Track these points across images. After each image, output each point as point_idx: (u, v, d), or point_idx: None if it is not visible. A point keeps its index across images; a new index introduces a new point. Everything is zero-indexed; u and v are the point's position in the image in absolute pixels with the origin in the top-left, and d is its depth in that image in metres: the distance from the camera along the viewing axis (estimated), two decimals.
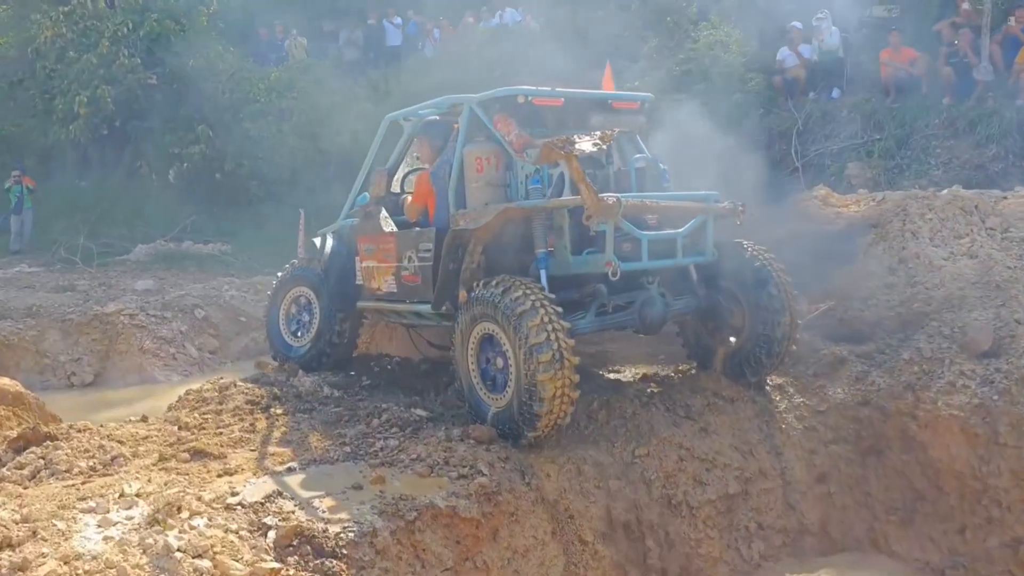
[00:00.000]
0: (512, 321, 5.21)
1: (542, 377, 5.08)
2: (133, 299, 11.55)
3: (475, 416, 5.64)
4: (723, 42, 14.49)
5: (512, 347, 5.28)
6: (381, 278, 6.84)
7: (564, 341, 5.16)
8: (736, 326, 6.46)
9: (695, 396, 6.26)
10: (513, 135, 5.97)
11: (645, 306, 6.01)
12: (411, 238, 6.49)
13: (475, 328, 5.60)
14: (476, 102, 6.21)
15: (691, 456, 5.76)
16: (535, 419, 5.19)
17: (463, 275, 5.94)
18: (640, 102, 6.66)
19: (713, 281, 6.47)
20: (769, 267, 6.35)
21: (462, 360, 5.76)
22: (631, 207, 5.49)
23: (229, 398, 6.39)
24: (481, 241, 5.91)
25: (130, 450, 5.29)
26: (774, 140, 13.51)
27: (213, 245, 17.40)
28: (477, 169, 6.07)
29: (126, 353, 10.24)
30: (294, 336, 7.76)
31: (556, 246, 5.79)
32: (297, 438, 5.56)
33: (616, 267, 5.43)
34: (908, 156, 11.91)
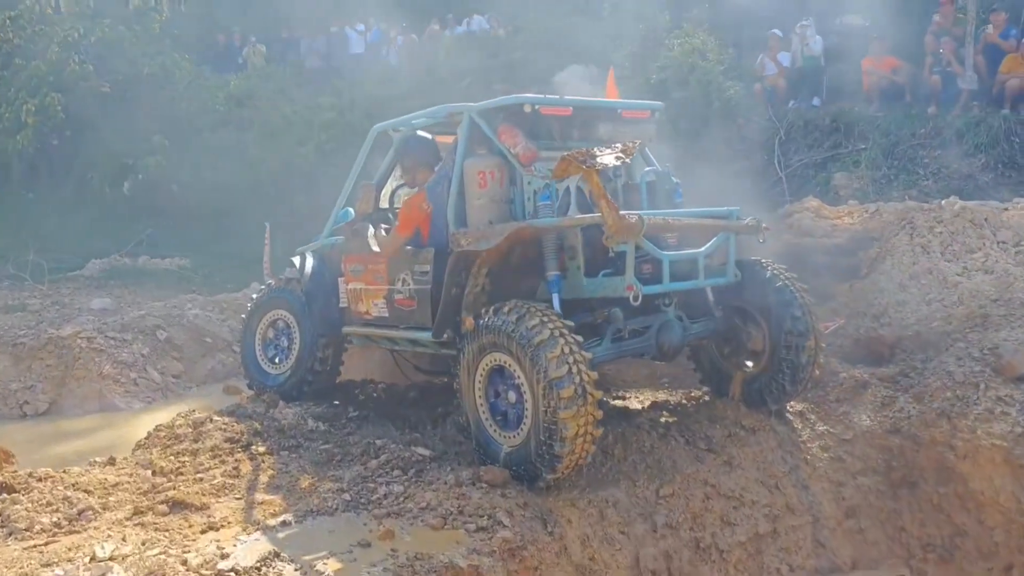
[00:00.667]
0: (528, 352, 4.72)
1: (564, 415, 4.61)
2: (90, 320, 10.82)
3: (484, 456, 5.13)
4: (700, 50, 14.15)
5: (528, 380, 4.79)
6: (370, 301, 6.32)
7: (587, 374, 4.70)
8: (755, 350, 6.05)
9: (714, 426, 5.83)
10: (520, 147, 5.50)
11: (663, 331, 5.61)
12: (405, 258, 5.96)
13: (484, 359, 5.10)
14: (477, 111, 5.73)
15: (717, 494, 5.32)
16: (555, 460, 4.72)
17: (466, 299, 5.43)
18: (651, 111, 6.21)
19: (730, 302, 6.06)
20: (792, 287, 5.93)
21: (468, 394, 5.24)
22: (653, 226, 5.02)
23: (205, 435, 5.81)
24: (487, 263, 5.39)
25: (99, 501, 4.70)
26: (755, 149, 13.20)
27: (171, 260, 16.66)
28: (479, 184, 5.59)
29: (84, 379, 9.50)
30: (272, 363, 7.20)
31: (568, 268, 5.34)
32: (287, 483, 5.01)
33: (638, 291, 4.99)
34: (896, 166, 11.66)
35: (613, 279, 5.19)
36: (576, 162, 4.80)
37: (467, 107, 5.85)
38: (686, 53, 14.10)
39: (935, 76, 11.99)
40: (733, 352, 6.19)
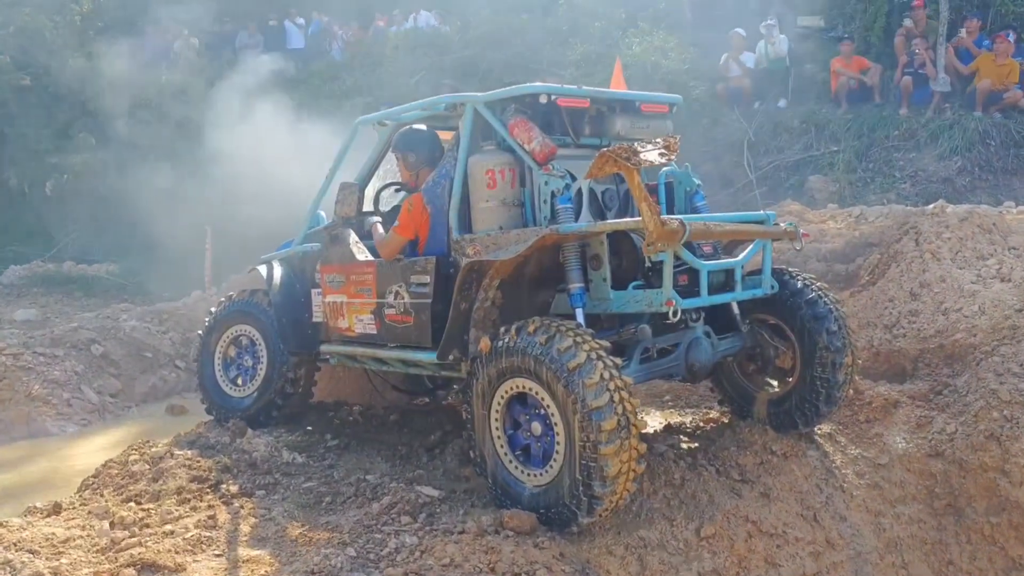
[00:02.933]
0: (562, 378, 4.08)
1: (606, 450, 3.99)
2: (14, 333, 9.81)
3: (503, 496, 4.46)
4: (662, 48, 13.72)
5: (560, 410, 4.15)
6: (352, 316, 5.54)
7: (629, 402, 4.09)
8: (784, 368, 5.49)
9: (744, 453, 5.27)
10: (536, 142, 4.82)
11: (692, 349, 5.00)
12: (399, 268, 5.25)
13: (503, 385, 4.43)
14: (483, 103, 5.06)
15: (759, 532, 4.76)
16: (595, 502, 4.09)
17: (475, 315, 4.74)
18: (670, 105, 5.57)
19: (757, 316, 5.49)
20: (826, 299, 5.38)
21: (482, 425, 4.55)
22: (696, 232, 4.37)
23: (167, 474, 5.02)
24: (501, 275, 4.68)
25: (48, 564, 3.89)
26: (723, 151, 12.83)
27: (99, 266, 15.57)
28: (487, 185, 4.91)
29: (9, 401, 8.50)
30: (234, 384, 6.40)
31: (592, 280, 4.70)
32: (274, 533, 4.27)
33: (678, 306, 4.41)
34: (871, 169, 11.40)
35: (647, 293, 4.55)
36: (618, 159, 4.17)
37: (470, 98, 5.19)
38: (647, 52, 13.67)
39: (906, 78, 11.75)
40: (758, 370, 5.62)
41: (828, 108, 12.51)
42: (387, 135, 5.84)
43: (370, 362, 5.69)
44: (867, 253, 8.03)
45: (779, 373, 5.54)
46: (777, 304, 5.36)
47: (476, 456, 4.63)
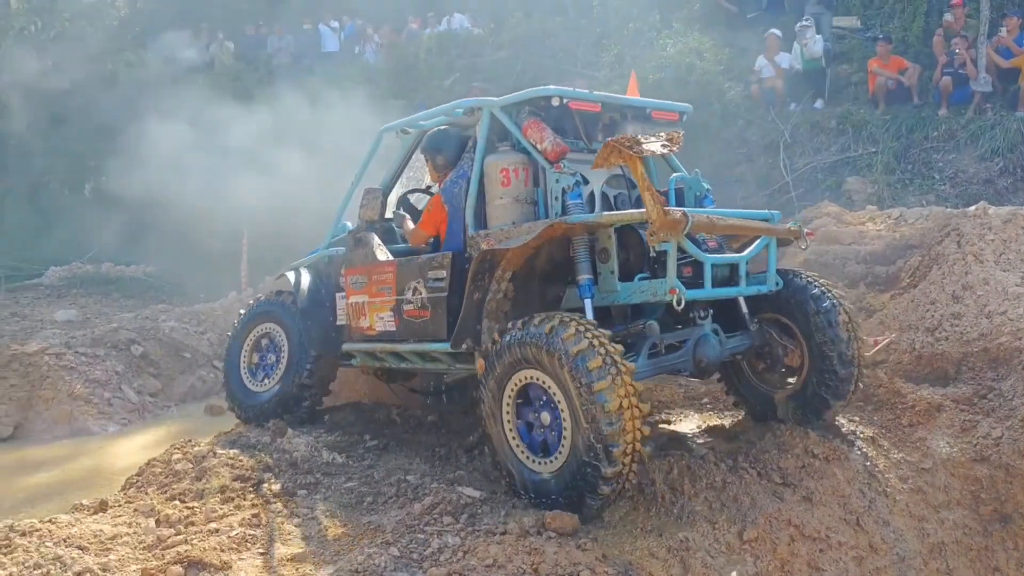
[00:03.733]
0: (566, 365, 4.22)
1: (609, 431, 4.13)
2: (56, 334, 9.96)
3: (516, 486, 4.59)
4: (697, 50, 13.64)
5: (566, 397, 4.29)
6: (374, 315, 5.71)
7: (632, 386, 4.22)
8: (792, 365, 5.55)
9: (785, 456, 5.23)
10: (548, 142, 5.03)
11: (700, 346, 5.10)
12: (417, 266, 5.43)
13: (513, 377, 4.56)
14: (499, 107, 5.29)
15: (801, 535, 4.71)
16: (600, 483, 4.21)
17: (487, 306, 4.92)
18: (680, 113, 5.74)
19: (765, 314, 5.57)
20: (829, 293, 5.47)
21: (494, 417, 4.67)
22: (699, 224, 4.55)
23: (210, 473, 5.07)
24: (512, 266, 4.85)
25: (97, 561, 3.95)
26: (758, 153, 12.74)
27: (137, 267, 15.77)
28: (502, 183, 5.12)
29: (52, 400, 8.65)
30: (256, 380, 6.55)
31: (601, 272, 4.85)
32: (317, 532, 4.31)
33: (682, 295, 4.53)
34: (909, 170, 11.25)
35: (651, 283, 4.71)
36: (622, 148, 4.31)
37: (487, 102, 5.42)
38: (682, 53, 13.59)
39: (946, 78, 11.59)
40: (768, 369, 5.69)
41: (866, 109, 12.37)
42: (410, 142, 6.05)
43: (389, 357, 5.81)
44: (907, 255, 7.93)
45: (790, 371, 5.61)
46: (784, 302, 5.48)
47: (490, 447, 4.76)
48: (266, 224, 13.36)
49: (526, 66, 16.35)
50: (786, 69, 13.12)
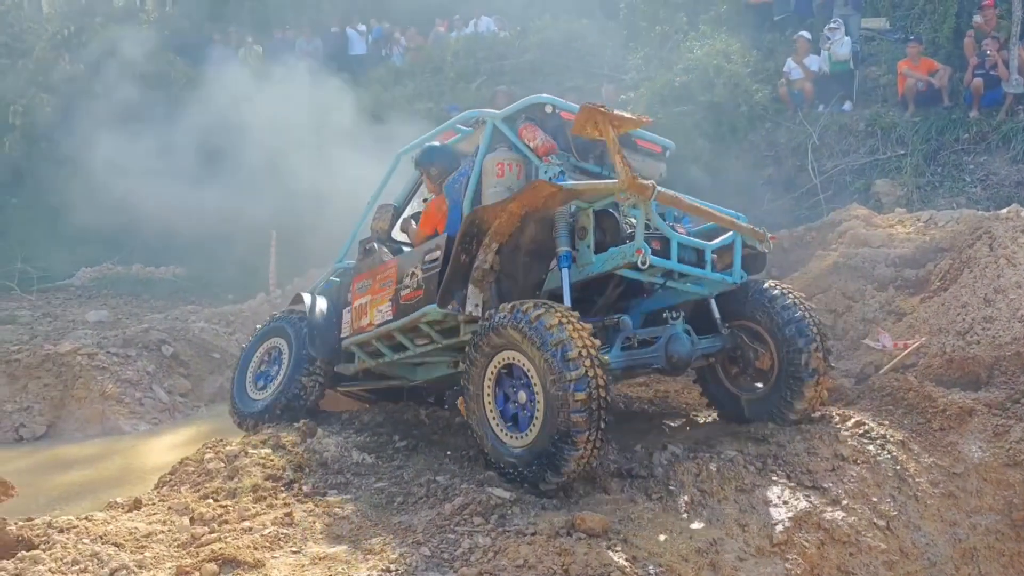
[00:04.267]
0: (545, 353, 4.57)
1: (576, 418, 4.47)
2: (88, 334, 10.10)
3: (492, 459, 5.00)
4: (724, 52, 13.58)
5: (540, 380, 4.63)
6: (374, 310, 6.08)
7: (602, 378, 4.55)
8: (763, 369, 5.77)
9: (815, 459, 5.23)
10: (539, 140, 5.53)
11: (672, 343, 5.45)
12: (416, 254, 5.89)
13: (495, 358, 4.94)
14: (500, 119, 5.82)
15: (831, 539, 4.70)
16: (563, 464, 4.58)
17: (473, 275, 5.27)
18: (664, 148, 6.18)
19: (736, 320, 5.84)
20: (791, 295, 5.75)
21: (477, 394, 5.06)
22: (664, 196, 5.06)
23: (242, 472, 5.13)
24: (499, 237, 5.17)
25: (133, 558, 4.01)
26: (785, 155, 12.67)
27: (166, 268, 15.89)
28: (498, 175, 5.56)
29: (85, 400, 8.78)
30: (257, 389, 6.82)
31: (579, 248, 5.29)
32: (348, 532, 4.35)
33: (646, 255, 4.95)
34: (939, 173, 11.15)
35: (621, 248, 5.12)
36: (596, 109, 4.86)
37: (490, 114, 5.94)
38: (709, 55, 13.53)
39: (977, 79, 11.47)
40: (740, 372, 5.94)
41: (895, 111, 12.26)
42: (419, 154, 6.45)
43: (378, 343, 6.09)
44: (938, 258, 7.88)
45: (760, 375, 5.83)
46: (752, 307, 5.78)
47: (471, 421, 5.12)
48: (294, 226, 13.47)
49: (552, 69, 16.38)
50: (815, 71, 13.05)
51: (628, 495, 4.79)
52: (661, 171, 6.08)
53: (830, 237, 9.37)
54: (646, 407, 6.82)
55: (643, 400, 6.94)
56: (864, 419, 5.77)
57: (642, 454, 5.32)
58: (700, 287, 5.66)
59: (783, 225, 11.16)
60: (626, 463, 5.16)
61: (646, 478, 4.97)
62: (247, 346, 7.18)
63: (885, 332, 7.10)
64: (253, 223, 14.29)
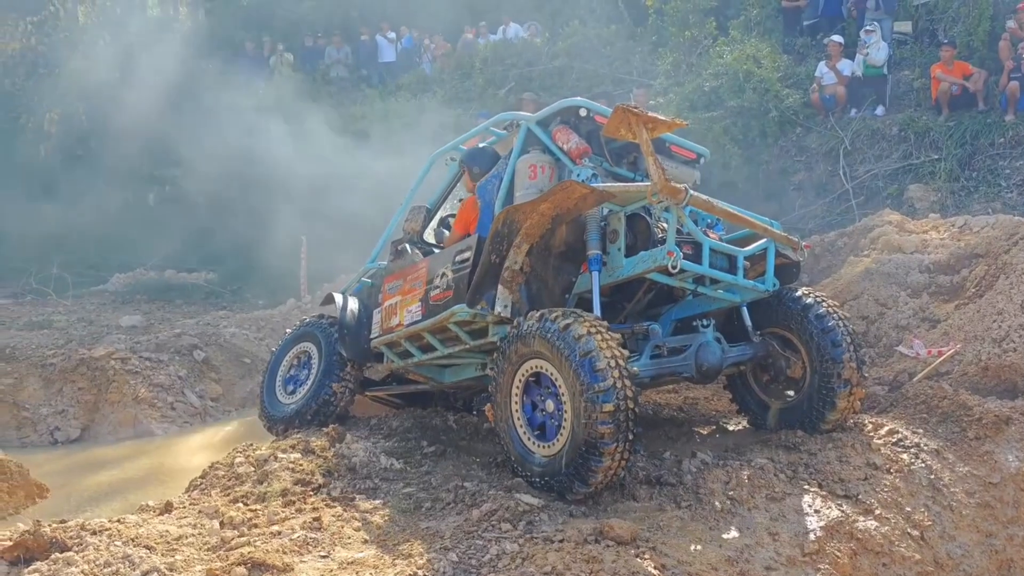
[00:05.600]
0: (573, 363, 4.52)
1: (604, 429, 4.43)
2: (121, 339, 10.22)
3: (518, 466, 4.97)
4: (754, 56, 13.50)
5: (568, 390, 4.60)
6: (404, 310, 6.09)
7: (631, 389, 4.51)
8: (795, 378, 5.73)
9: (846, 467, 5.16)
10: (572, 143, 5.59)
11: (702, 351, 5.41)
12: (447, 254, 5.88)
13: (523, 365, 4.92)
14: (535, 122, 5.86)
15: (864, 549, 4.63)
16: (590, 475, 4.55)
17: (503, 276, 5.22)
18: (698, 155, 6.16)
19: (769, 329, 5.79)
20: (826, 303, 5.66)
21: (504, 401, 5.03)
22: (698, 202, 4.97)
23: (272, 476, 5.15)
24: (530, 239, 5.11)
25: (164, 560, 4.04)
26: (816, 160, 12.57)
27: (198, 274, 16.08)
28: (530, 176, 5.63)
29: (118, 403, 8.89)
30: (287, 393, 6.84)
31: (609, 251, 5.25)
32: (376, 537, 4.35)
33: (677, 259, 4.90)
34: (974, 177, 11.00)
35: (651, 251, 5.07)
36: (631, 111, 4.82)
37: (525, 117, 6.00)
38: (739, 60, 13.45)
39: (1013, 83, 11.31)
40: (772, 380, 5.89)
41: (928, 115, 12.11)
42: (456, 166, 6.56)
43: (407, 343, 6.09)
44: (973, 264, 7.78)
45: (791, 384, 5.81)
46: (785, 315, 5.70)
47: (499, 428, 5.11)
48: (325, 232, 13.56)
49: (581, 74, 16.37)
50: (848, 76, 12.92)
51: (657, 503, 4.75)
52: (696, 178, 6.05)
53: (862, 243, 9.26)
54: (675, 414, 6.77)
55: (672, 407, 6.89)
56: (897, 427, 5.70)
57: (671, 461, 5.28)
58: (732, 294, 5.60)
59: (814, 231, 11.09)
60: (655, 470, 5.12)
61: (675, 485, 4.92)
62: (276, 350, 7.19)
63: (918, 339, 7.01)
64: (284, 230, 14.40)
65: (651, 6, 15.99)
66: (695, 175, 6.06)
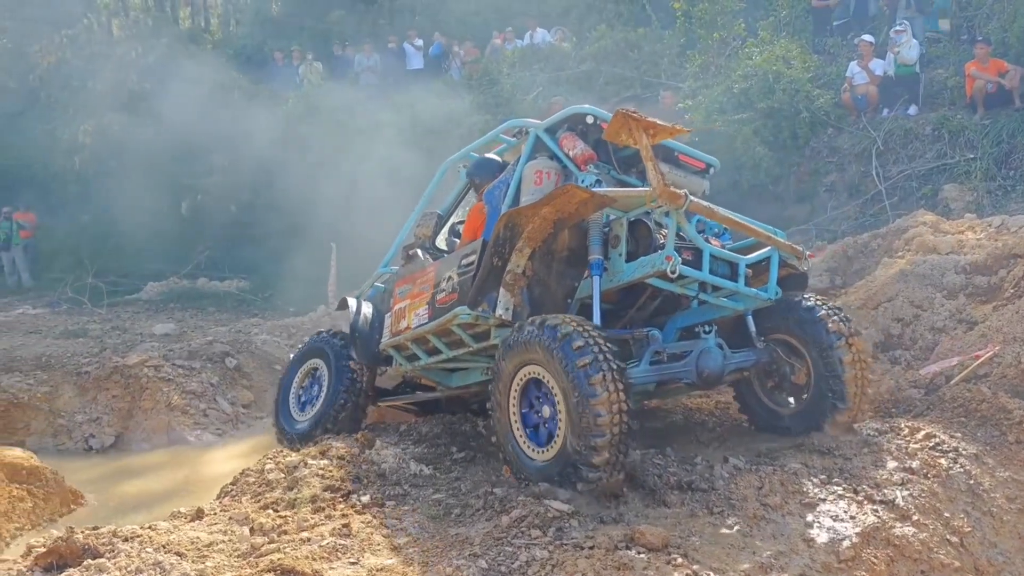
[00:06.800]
0: (569, 373, 4.56)
1: (597, 441, 4.50)
2: (154, 346, 10.31)
3: (513, 468, 5.04)
4: (784, 57, 13.37)
5: (564, 398, 4.64)
6: (412, 313, 6.13)
7: (625, 402, 4.55)
8: (799, 384, 5.70)
9: (881, 471, 5.07)
10: (578, 149, 5.62)
11: (703, 357, 5.35)
12: (454, 258, 5.91)
13: (521, 370, 4.95)
14: (543, 128, 5.91)
15: (901, 555, 4.53)
16: (580, 482, 4.61)
17: (505, 279, 5.23)
18: (707, 164, 6.08)
19: (772, 334, 5.76)
20: (819, 299, 5.70)
21: (502, 404, 5.08)
22: (698, 208, 4.98)
23: (302, 483, 5.15)
24: (532, 242, 5.12)
25: (194, 567, 4.05)
26: (848, 161, 12.43)
27: (230, 282, 16.24)
28: (535, 182, 5.63)
29: (151, 411, 8.97)
30: (300, 410, 6.88)
31: (610, 256, 5.26)
32: (406, 543, 4.33)
33: (676, 263, 4.89)
34: (1012, 177, 10.82)
35: (652, 256, 5.06)
36: (630, 116, 4.76)
37: (533, 124, 6.03)
38: (769, 61, 13.33)
39: None
40: (776, 387, 5.86)
41: (963, 114, 11.95)
42: (471, 165, 6.55)
43: (413, 346, 6.14)
44: (1011, 265, 7.64)
45: (796, 390, 5.77)
46: (786, 319, 5.68)
47: (496, 434, 5.16)
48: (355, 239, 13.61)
49: (609, 78, 16.32)
50: (880, 76, 12.76)
51: (689, 508, 4.68)
52: (704, 188, 6.02)
53: (896, 244, 9.15)
54: (706, 418, 6.70)
55: (704, 411, 6.82)
56: (935, 431, 5.59)
57: (703, 467, 5.21)
58: (736, 302, 5.57)
59: (847, 232, 10.97)
60: (686, 475, 5.05)
61: (707, 491, 4.86)
62: (287, 368, 7.23)
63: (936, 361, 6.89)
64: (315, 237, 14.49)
65: (679, 8, 15.87)
66: (704, 185, 6.03)
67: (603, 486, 4.62)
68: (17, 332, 12.06)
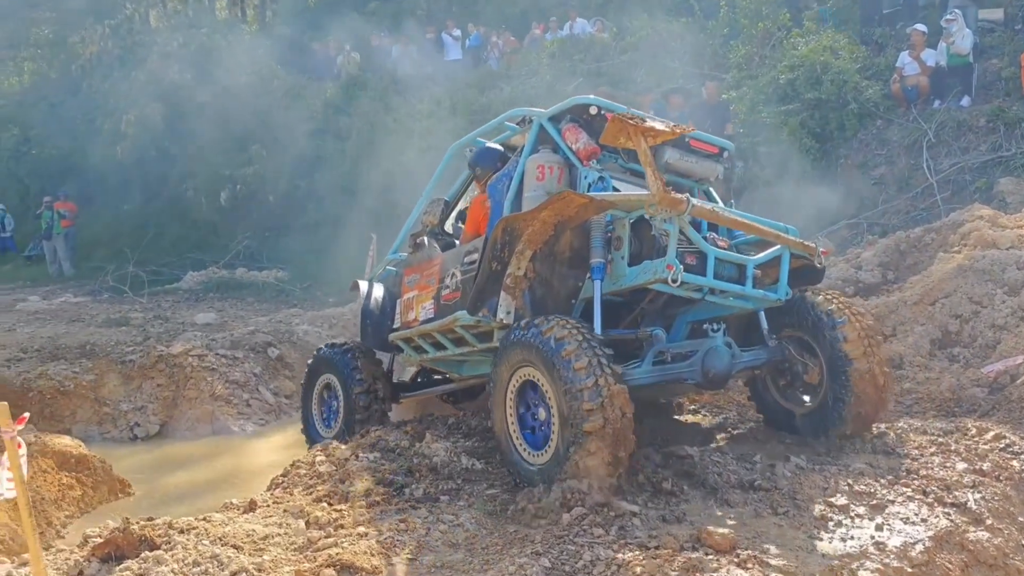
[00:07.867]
0: (563, 377, 4.49)
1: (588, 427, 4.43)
2: (197, 336, 10.31)
3: (513, 475, 4.97)
4: (831, 47, 13.09)
5: (557, 402, 4.58)
6: (419, 306, 6.16)
7: (620, 407, 4.44)
8: (812, 383, 5.52)
9: (950, 472, 4.91)
10: (581, 143, 5.46)
11: (709, 357, 5.17)
12: (458, 253, 5.92)
13: (517, 372, 4.89)
14: (547, 117, 5.72)
15: (976, 561, 4.37)
16: None
17: (506, 282, 5.15)
18: (721, 148, 5.86)
19: (785, 331, 5.61)
20: (831, 295, 5.58)
21: (500, 404, 5.02)
22: (701, 212, 4.85)
23: (353, 476, 5.09)
24: (533, 245, 5.03)
25: (252, 560, 3.98)
26: (898, 154, 12.14)
27: (268, 272, 16.25)
28: (538, 177, 5.51)
29: (195, 400, 8.97)
30: (325, 425, 6.91)
31: (613, 258, 5.11)
32: (464, 539, 4.24)
33: (677, 272, 4.73)
34: None
35: (653, 262, 4.90)
36: (626, 122, 4.68)
37: (536, 113, 5.86)
38: (816, 51, 13.06)
39: None
40: (789, 385, 5.72)
41: (1019, 105, 11.62)
42: (472, 155, 6.40)
43: (420, 340, 6.13)
44: None
45: (809, 389, 5.62)
46: (804, 320, 5.51)
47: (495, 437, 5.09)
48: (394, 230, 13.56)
49: (651, 69, 16.10)
50: (931, 66, 12.46)
51: (752, 508, 4.56)
52: (718, 172, 5.88)
53: (952, 239, 8.92)
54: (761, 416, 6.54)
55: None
56: (1004, 432, 5.41)
57: (763, 465, 5.09)
58: (745, 302, 5.38)
59: (897, 226, 10.72)
60: (747, 474, 4.93)
61: (770, 491, 4.73)
62: (302, 387, 7.22)
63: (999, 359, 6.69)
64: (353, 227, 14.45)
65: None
66: (717, 169, 5.87)
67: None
68: (60, 320, 12.15)
